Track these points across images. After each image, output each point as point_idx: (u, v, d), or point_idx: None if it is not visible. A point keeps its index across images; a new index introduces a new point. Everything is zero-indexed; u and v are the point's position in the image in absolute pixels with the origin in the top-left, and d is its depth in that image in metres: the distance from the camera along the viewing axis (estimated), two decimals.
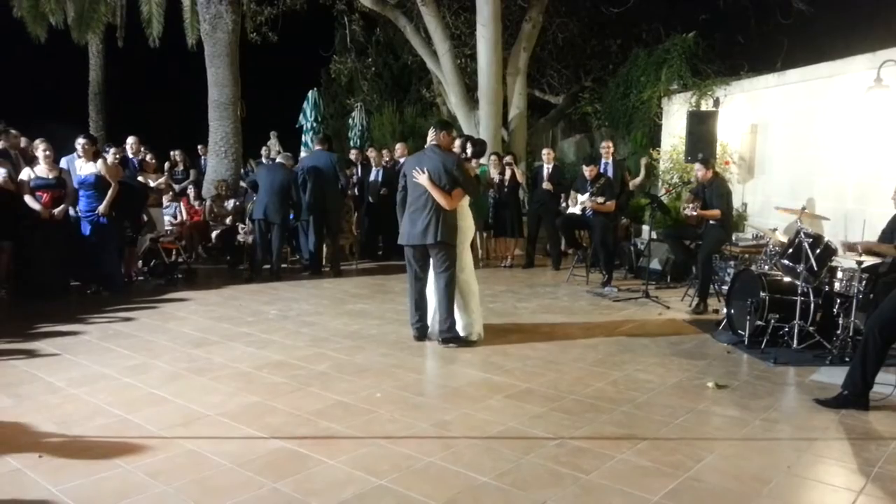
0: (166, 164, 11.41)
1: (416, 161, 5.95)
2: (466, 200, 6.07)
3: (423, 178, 5.80)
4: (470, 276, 6.06)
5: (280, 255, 9.34)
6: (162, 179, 9.68)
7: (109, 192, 7.79)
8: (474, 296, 6.04)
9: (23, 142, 8.72)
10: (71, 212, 7.79)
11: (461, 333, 5.93)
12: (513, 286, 8.72)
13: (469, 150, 6.33)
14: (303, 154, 12.17)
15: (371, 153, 11.31)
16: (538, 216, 10.17)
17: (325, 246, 9.89)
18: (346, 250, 10.85)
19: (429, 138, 6.16)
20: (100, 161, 7.89)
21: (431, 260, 5.92)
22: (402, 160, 11.09)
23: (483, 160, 10.64)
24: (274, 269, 9.16)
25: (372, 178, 11.00)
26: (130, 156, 9.12)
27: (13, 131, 8.52)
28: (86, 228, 7.78)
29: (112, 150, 8.92)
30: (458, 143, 6.67)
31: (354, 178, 10.96)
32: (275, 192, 9.00)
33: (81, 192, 7.78)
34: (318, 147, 9.83)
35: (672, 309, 7.40)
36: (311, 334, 6.28)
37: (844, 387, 4.50)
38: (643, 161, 10.37)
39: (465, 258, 6.09)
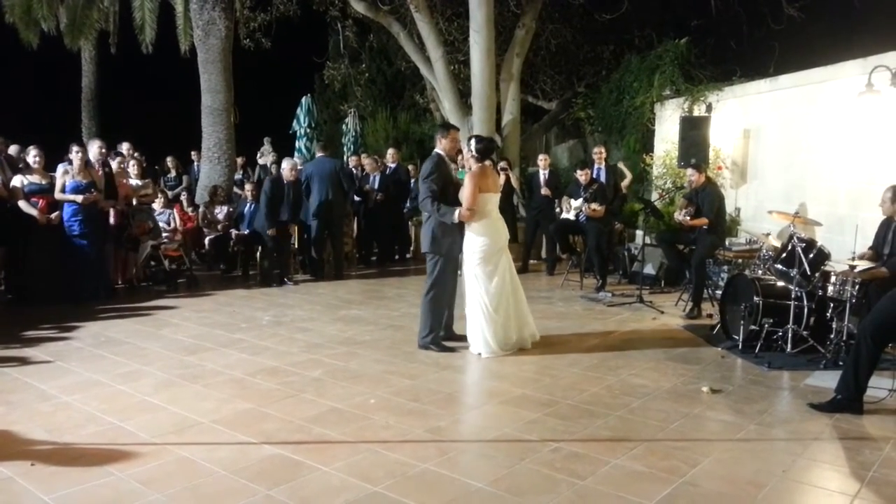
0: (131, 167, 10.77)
1: None
2: (487, 209, 5.71)
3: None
4: (495, 292, 5.70)
5: (271, 264, 9.37)
6: (142, 183, 9.59)
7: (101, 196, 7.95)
8: (497, 313, 5.71)
9: (13, 149, 8.67)
10: (66, 223, 7.76)
11: (483, 352, 5.69)
12: None
13: (473, 147, 5.76)
14: (296, 159, 12.17)
15: (366, 160, 11.31)
16: (536, 222, 10.18)
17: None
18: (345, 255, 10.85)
19: None
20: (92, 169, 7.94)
21: None
22: (392, 165, 11.15)
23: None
24: (263, 275, 9.29)
25: (368, 184, 10.99)
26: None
27: None
28: (82, 242, 7.75)
29: (118, 158, 8.98)
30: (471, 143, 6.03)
31: (362, 183, 10.96)
32: (260, 204, 9.19)
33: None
34: (320, 153, 9.88)
35: (666, 314, 7.40)
36: (306, 340, 6.26)
37: (838, 391, 4.52)
38: (620, 164, 10.39)
39: (496, 271, 5.72)
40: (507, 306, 5.76)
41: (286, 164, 9.34)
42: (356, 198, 10.83)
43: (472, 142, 5.82)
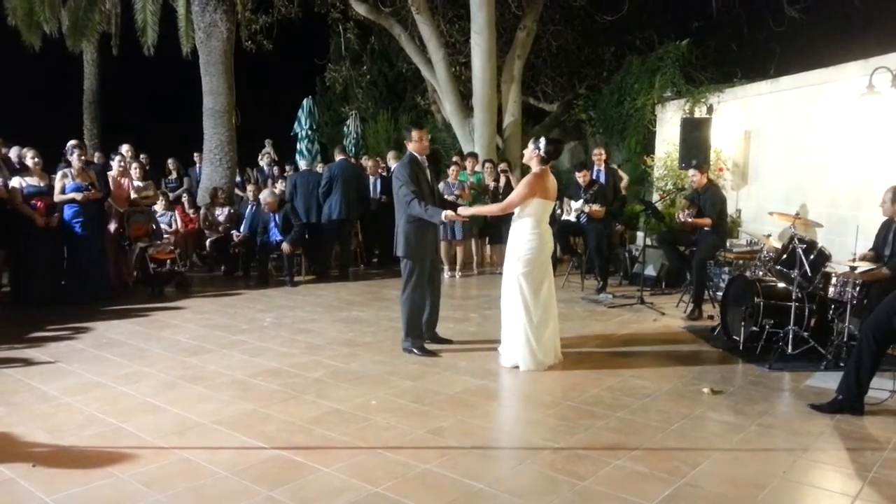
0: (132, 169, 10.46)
1: None
2: (539, 216, 5.47)
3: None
4: (542, 303, 5.42)
5: (263, 265, 9.52)
6: (142, 184, 9.60)
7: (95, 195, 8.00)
8: (542, 326, 5.41)
9: (13, 151, 8.66)
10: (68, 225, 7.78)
11: (522, 367, 5.37)
12: None
13: (542, 148, 5.42)
14: (300, 162, 12.21)
15: (368, 162, 11.30)
16: None
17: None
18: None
19: None
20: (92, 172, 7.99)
21: None
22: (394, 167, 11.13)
23: (478, 167, 10.66)
24: (260, 277, 9.45)
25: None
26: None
27: None
28: (84, 243, 7.76)
29: (117, 158, 9.01)
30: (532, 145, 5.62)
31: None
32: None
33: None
34: (340, 156, 9.98)
35: (667, 315, 7.40)
36: (307, 342, 6.26)
37: (839, 392, 4.51)
38: (617, 168, 10.39)
39: (542, 281, 5.45)
40: (549, 318, 5.49)
41: (266, 196, 9.43)
42: None
43: (542, 141, 5.48)
